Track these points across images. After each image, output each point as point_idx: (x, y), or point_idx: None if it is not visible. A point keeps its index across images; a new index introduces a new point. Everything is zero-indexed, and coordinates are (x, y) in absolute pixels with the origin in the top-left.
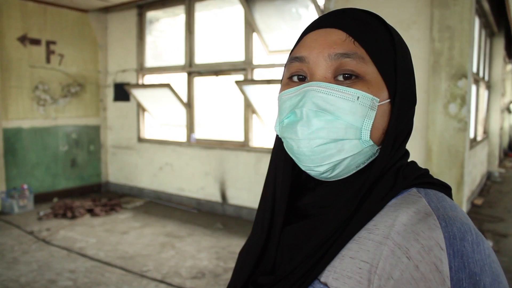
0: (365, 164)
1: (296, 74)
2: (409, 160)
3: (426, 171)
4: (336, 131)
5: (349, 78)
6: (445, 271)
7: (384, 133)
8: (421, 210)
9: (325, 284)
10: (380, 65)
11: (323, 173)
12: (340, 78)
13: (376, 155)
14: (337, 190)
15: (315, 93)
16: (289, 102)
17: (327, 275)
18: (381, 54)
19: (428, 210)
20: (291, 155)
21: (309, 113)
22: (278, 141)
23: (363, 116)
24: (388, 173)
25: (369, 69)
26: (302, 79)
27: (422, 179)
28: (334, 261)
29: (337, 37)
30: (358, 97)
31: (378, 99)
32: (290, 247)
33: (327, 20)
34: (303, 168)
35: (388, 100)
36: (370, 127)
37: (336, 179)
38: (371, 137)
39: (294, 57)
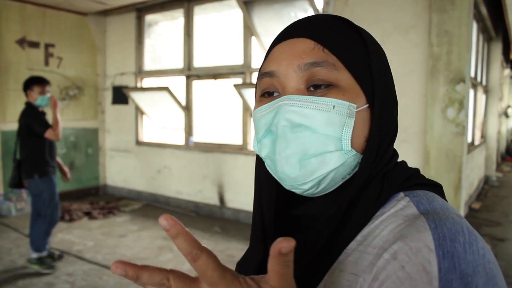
0: (351, 174)
1: (267, 90)
2: (399, 160)
3: (414, 171)
4: (315, 145)
5: (322, 87)
6: (434, 271)
7: (366, 140)
8: (409, 216)
9: None
10: (354, 70)
11: (308, 190)
12: (313, 88)
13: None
14: (324, 203)
15: (288, 108)
16: (264, 120)
17: None
18: (353, 58)
19: (417, 213)
20: (273, 175)
21: (285, 129)
22: (258, 157)
23: (342, 125)
24: (373, 181)
25: (343, 76)
26: (274, 94)
27: (410, 181)
28: (325, 276)
29: (305, 46)
30: (333, 106)
31: (355, 105)
32: None
33: (293, 30)
34: (286, 187)
35: (367, 105)
36: (350, 135)
37: (323, 193)
38: (352, 146)
39: (264, 72)
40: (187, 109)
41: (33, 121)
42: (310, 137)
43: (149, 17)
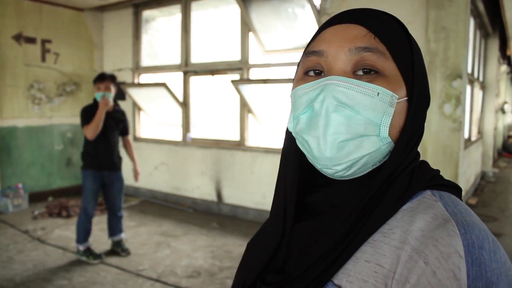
0: (381, 162)
1: (312, 68)
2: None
3: (438, 172)
4: (356, 127)
5: (369, 73)
6: (463, 279)
7: (400, 131)
8: (438, 216)
9: (339, 287)
10: (400, 62)
11: (339, 171)
12: (360, 73)
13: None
14: (349, 190)
15: (335, 87)
16: (306, 97)
17: (341, 278)
18: (400, 51)
19: (446, 215)
20: (306, 153)
21: (329, 107)
22: (288, 137)
23: (382, 113)
24: (402, 174)
25: (389, 65)
26: (319, 73)
27: (436, 181)
28: (348, 264)
29: (357, 32)
30: (378, 93)
31: (397, 96)
32: (300, 246)
33: (346, 16)
34: (318, 167)
35: (406, 98)
36: (389, 124)
37: (350, 178)
38: (389, 134)
39: (312, 51)
40: (185, 105)
41: (81, 116)
42: (352, 118)
43: (146, 13)
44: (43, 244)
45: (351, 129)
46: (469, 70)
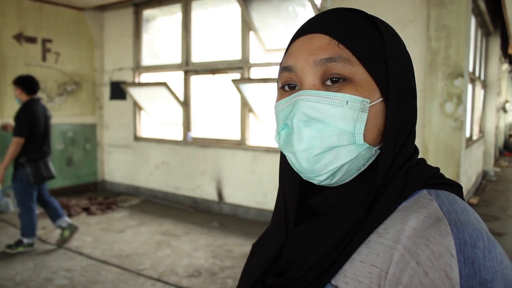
0: (366, 166)
1: (286, 83)
2: (418, 157)
3: (436, 170)
4: (328, 139)
5: (337, 81)
6: (455, 278)
7: (381, 133)
8: (432, 215)
9: (336, 287)
10: (368, 65)
11: (323, 181)
12: (329, 82)
13: (375, 156)
14: (346, 192)
15: (303, 103)
16: (282, 113)
17: (338, 278)
18: (368, 53)
19: (440, 214)
20: (292, 166)
21: (299, 123)
22: None
23: (355, 120)
24: (397, 175)
25: (357, 70)
26: (294, 87)
27: (433, 179)
28: (345, 265)
29: (321, 42)
30: (347, 101)
31: (369, 100)
32: (301, 248)
33: (310, 26)
34: (304, 178)
35: (381, 99)
36: (363, 130)
37: (339, 183)
38: (365, 139)
39: (283, 67)
40: (185, 104)
41: None
42: (323, 131)
43: (147, 12)
44: (44, 243)
45: (324, 142)
46: (471, 69)
